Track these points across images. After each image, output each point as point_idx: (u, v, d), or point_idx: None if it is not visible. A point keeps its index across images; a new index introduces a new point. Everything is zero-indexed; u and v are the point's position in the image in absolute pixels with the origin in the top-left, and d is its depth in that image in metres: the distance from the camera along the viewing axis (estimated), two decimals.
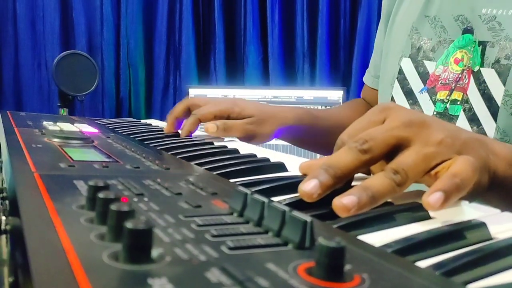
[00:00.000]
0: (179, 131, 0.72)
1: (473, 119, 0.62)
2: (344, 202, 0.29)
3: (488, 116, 0.60)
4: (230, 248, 0.20)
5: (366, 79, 0.93)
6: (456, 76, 0.65)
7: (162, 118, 2.36)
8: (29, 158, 0.38)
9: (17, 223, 0.23)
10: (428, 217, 0.30)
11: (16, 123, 0.67)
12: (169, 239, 0.21)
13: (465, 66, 0.64)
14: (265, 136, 0.72)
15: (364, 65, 0.91)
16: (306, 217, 0.21)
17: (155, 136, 0.68)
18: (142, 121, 0.99)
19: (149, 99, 2.30)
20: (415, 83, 0.70)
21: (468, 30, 0.64)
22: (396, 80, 0.73)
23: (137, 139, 0.66)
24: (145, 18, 2.23)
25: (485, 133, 0.61)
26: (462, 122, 0.63)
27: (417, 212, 0.30)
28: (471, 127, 0.62)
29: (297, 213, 0.22)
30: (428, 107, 0.68)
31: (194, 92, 1.88)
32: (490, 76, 0.61)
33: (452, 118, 0.65)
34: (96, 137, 0.62)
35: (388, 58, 0.77)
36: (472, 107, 0.62)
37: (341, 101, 1.67)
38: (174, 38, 2.23)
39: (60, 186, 0.30)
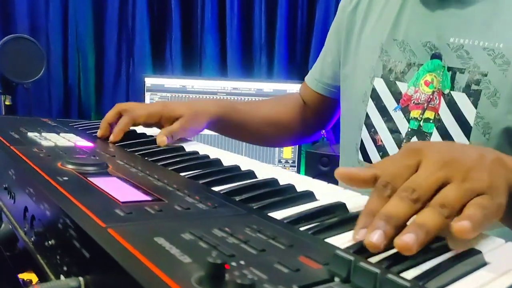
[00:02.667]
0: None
1: (446, 136, 0.68)
2: (406, 241, 0.32)
3: (461, 135, 0.66)
4: None
5: (309, 81, 0.97)
6: (427, 97, 0.70)
7: (113, 105, 2.27)
8: (80, 205, 0.37)
9: None
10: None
11: (6, 139, 0.63)
12: None
13: (435, 88, 0.69)
14: (197, 131, 0.80)
15: None
16: None
17: (149, 149, 0.67)
18: None
19: (99, 87, 2.21)
20: (389, 102, 0.75)
21: (436, 56, 0.69)
22: (370, 98, 0.77)
23: (137, 153, 0.65)
24: (95, 1, 2.11)
25: None
26: (436, 138, 0.69)
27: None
28: None
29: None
30: (402, 125, 0.73)
31: (150, 81, 1.83)
32: (461, 99, 0.66)
33: (426, 135, 0.70)
34: (102, 155, 0.60)
35: (357, 76, 0.81)
36: (445, 126, 0.68)
37: None
38: (127, 23, 2.14)
39: (148, 246, 0.30)
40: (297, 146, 1.73)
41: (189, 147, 0.72)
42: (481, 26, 0.65)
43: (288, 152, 1.74)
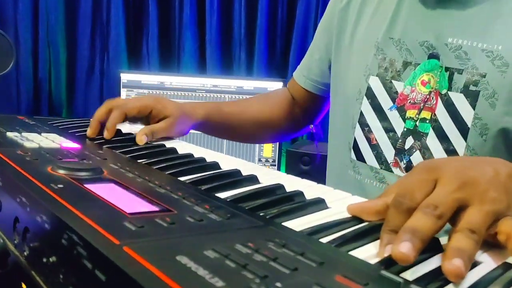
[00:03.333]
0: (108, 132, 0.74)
1: (442, 136, 0.67)
2: (457, 265, 0.31)
3: (458, 135, 0.66)
4: None
5: (298, 77, 0.96)
6: (424, 96, 0.69)
7: (85, 102, 2.19)
8: (85, 217, 0.33)
9: None
10: None
11: None
12: None
13: (432, 88, 0.68)
14: (182, 133, 0.80)
15: (301, 56, 0.96)
16: None
17: (140, 150, 0.64)
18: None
19: (71, 82, 2.13)
20: (385, 101, 0.73)
21: (433, 56, 0.69)
22: (365, 97, 0.75)
23: (128, 155, 0.62)
24: None
25: (455, 150, 0.66)
26: (432, 139, 0.68)
27: None
28: (441, 144, 0.67)
29: None
30: (398, 124, 0.72)
31: (126, 77, 1.77)
32: (459, 100, 0.66)
33: (422, 135, 0.69)
34: (92, 158, 0.56)
35: (350, 74, 0.80)
36: (441, 126, 0.67)
37: None
38: (101, 16, 2.06)
39: (173, 267, 0.27)
40: (278, 145, 1.71)
41: (170, 145, 0.70)
42: (481, 28, 0.65)
43: (269, 150, 1.72)
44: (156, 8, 2.02)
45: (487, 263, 0.35)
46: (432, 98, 0.68)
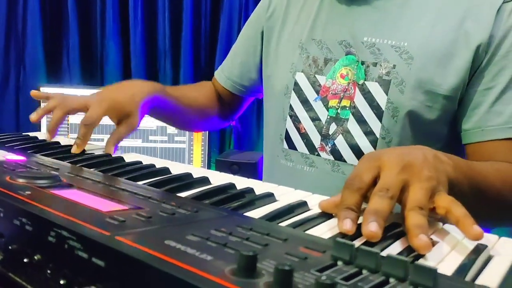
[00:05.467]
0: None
1: (360, 120, 0.77)
2: (424, 240, 0.38)
3: (374, 118, 0.76)
4: None
5: (219, 77, 1.04)
6: (343, 87, 0.79)
7: None
8: (69, 217, 0.36)
9: None
10: None
11: None
12: None
13: (350, 80, 0.79)
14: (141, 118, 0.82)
15: None
16: (432, 266, 0.29)
17: (90, 159, 0.66)
18: (28, 134, 0.90)
19: None
20: (310, 94, 0.83)
21: (350, 52, 0.79)
22: (293, 91, 0.84)
23: (79, 165, 0.63)
24: None
25: (372, 131, 0.76)
26: (352, 123, 0.78)
27: None
28: (360, 127, 0.77)
29: (420, 262, 0.29)
30: (322, 113, 0.81)
31: (47, 91, 1.71)
32: (374, 88, 0.76)
33: (343, 121, 0.79)
34: (44, 168, 0.58)
35: (278, 72, 0.88)
36: (360, 111, 0.77)
37: None
38: (16, 27, 1.97)
39: (165, 248, 0.31)
40: (206, 155, 1.76)
41: (126, 157, 0.71)
42: (390, 27, 0.76)
43: (198, 160, 1.76)
44: (76, 18, 1.98)
45: (441, 242, 0.41)
46: (351, 89, 0.78)
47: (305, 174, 0.82)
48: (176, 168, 0.63)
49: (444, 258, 0.38)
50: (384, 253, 0.33)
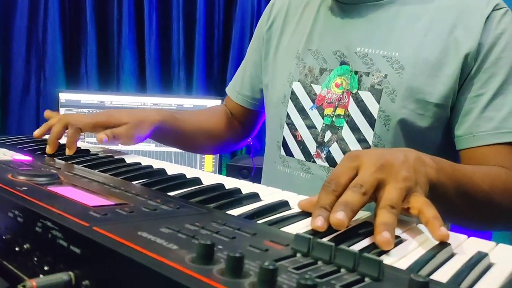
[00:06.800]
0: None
1: (354, 128, 0.79)
2: (385, 236, 0.40)
3: (367, 126, 0.78)
4: (342, 286, 0.28)
5: (230, 92, 1.07)
6: (338, 96, 0.81)
7: (20, 122, 2.15)
8: (55, 209, 0.39)
9: None
10: None
11: None
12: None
13: (344, 89, 0.81)
14: (141, 138, 0.84)
15: None
16: (377, 257, 0.31)
17: (92, 160, 0.69)
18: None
19: (5, 102, 2.08)
20: (306, 102, 0.85)
21: (344, 62, 0.82)
22: (290, 100, 0.87)
23: (81, 165, 0.67)
24: (1, 9, 2.00)
25: (365, 139, 0.78)
26: (346, 131, 0.80)
27: None
28: (354, 135, 0.79)
29: (368, 254, 0.31)
30: (318, 121, 0.83)
31: (65, 97, 1.78)
32: (367, 97, 0.78)
33: (338, 129, 0.81)
34: (47, 168, 0.61)
35: (276, 82, 0.91)
36: (353, 120, 0.79)
37: None
38: (37, 35, 2.05)
39: (135, 238, 0.34)
40: (218, 159, 1.79)
41: (127, 159, 0.75)
42: (381, 38, 0.78)
43: (209, 165, 1.80)
44: (95, 27, 2.05)
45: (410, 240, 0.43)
46: (345, 97, 0.80)
47: (301, 180, 0.84)
48: (174, 170, 0.66)
49: (407, 255, 0.39)
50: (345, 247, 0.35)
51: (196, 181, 0.61)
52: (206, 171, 1.79)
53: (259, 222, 0.46)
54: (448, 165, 0.59)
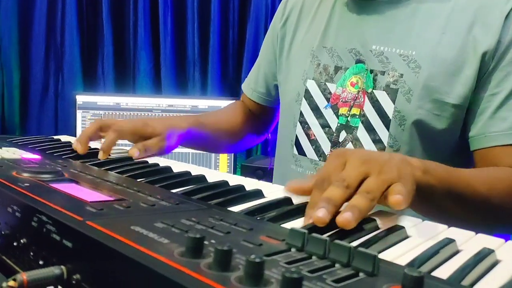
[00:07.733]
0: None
1: (370, 129, 0.77)
2: (346, 217, 0.40)
3: (382, 127, 0.76)
4: (334, 281, 0.27)
5: (246, 89, 1.06)
6: (353, 95, 0.79)
7: (39, 124, 2.19)
8: (52, 204, 0.39)
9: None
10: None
11: None
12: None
13: (360, 88, 0.79)
14: (171, 148, 0.84)
15: None
16: (373, 251, 0.30)
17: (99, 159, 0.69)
18: (53, 137, 0.95)
19: (24, 103, 2.12)
20: (320, 101, 0.83)
21: (360, 61, 0.80)
22: (303, 98, 0.85)
23: (88, 164, 0.67)
24: (20, 15, 2.05)
25: (380, 139, 0.76)
26: (361, 131, 0.78)
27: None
28: (369, 135, 0.77)
29: (362, 249, 0.30)
30: (332, 120, 0.82)
31: (82, 99, 1.80)
32: (382, 96, 0.76)
33: (353, 129, 0.79)
34: (53, 165, 0.62)
35: (290, 79, 0.90)
36: (369, 120, 0.77)
37: None
38: (55, 38, 2.09)
39: (127, 232, 0.33)
40: (232, 160, 1.79)
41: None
42: (398, 37, 0.76)
43: (224, 165, 1.79)
44: (111, 29, 2.07)
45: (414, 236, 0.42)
46: (360, 97, 0.78)
47: None
48: (180, 168, 0.66)
49: (410, 250, 0.38)
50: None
51: (201, 178, 0.60)
52: (221, 171, 1.79)
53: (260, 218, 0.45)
54: (440, 168, 0.57)
